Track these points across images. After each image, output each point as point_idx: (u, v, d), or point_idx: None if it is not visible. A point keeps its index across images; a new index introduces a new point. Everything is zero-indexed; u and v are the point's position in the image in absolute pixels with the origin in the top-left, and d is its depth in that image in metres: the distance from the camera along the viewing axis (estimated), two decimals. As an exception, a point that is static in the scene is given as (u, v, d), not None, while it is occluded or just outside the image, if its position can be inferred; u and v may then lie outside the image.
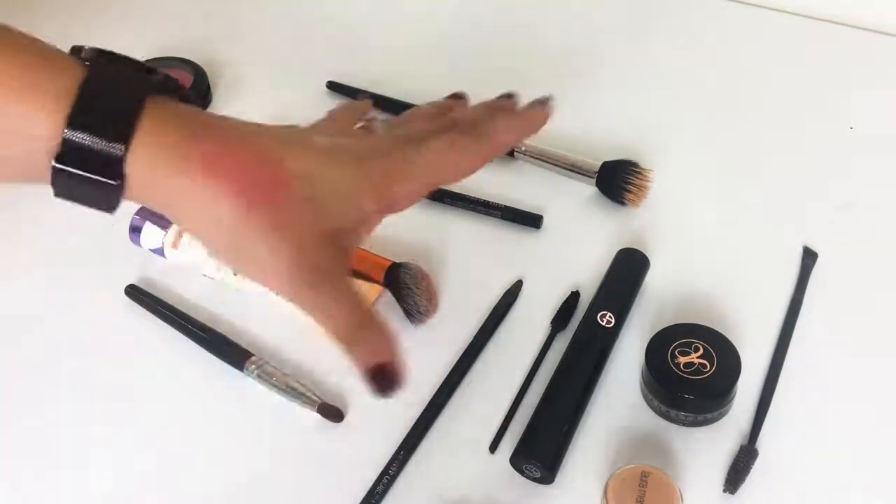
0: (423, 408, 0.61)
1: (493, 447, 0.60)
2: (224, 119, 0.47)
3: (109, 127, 0.42)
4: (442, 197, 0.73)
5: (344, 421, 0.62)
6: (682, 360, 0.59)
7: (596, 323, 0.63)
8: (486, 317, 0.66)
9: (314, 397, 0.62)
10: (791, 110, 0.80)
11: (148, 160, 0.43)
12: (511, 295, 0.67)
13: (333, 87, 0.84)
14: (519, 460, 0.58)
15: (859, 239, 0.70)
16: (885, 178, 0.74)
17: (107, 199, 0.44)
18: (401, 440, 0.60)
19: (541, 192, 0.74)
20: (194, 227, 0.46)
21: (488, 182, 0.71)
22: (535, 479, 0.58)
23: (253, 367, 0.64)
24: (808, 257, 0.68)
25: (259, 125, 0.48)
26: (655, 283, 0.67)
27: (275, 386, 0.63)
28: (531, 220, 0.72)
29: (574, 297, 0.67)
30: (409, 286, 0.65)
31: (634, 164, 0.72)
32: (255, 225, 0.44)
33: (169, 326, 0.67)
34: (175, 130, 0.44)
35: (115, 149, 0.42)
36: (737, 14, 0.90)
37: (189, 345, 0.66)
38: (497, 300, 0.67)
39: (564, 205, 0.73)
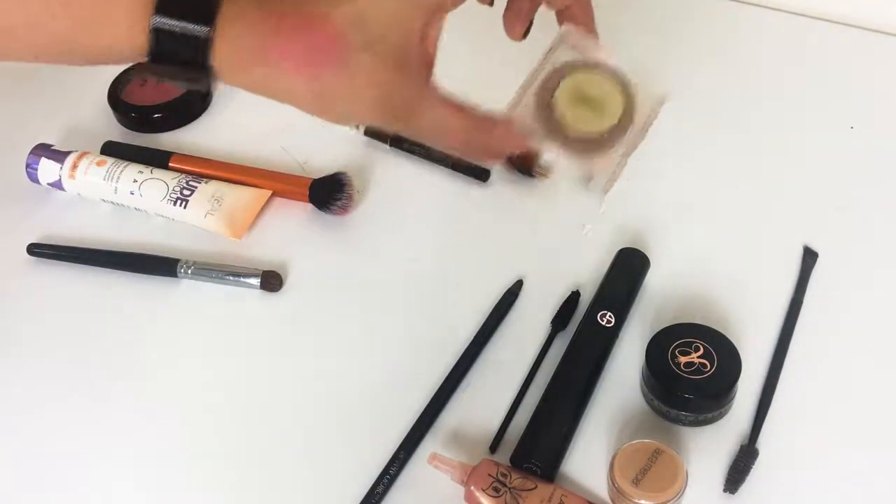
0: (424, 408, 0.61)
1: (494, 447, 0.60)
2: None
3: (193, 13, 0.45)
4: (401, 142, 0.78)
5: (343, 422, 0.62)
6: (683, 359, 0.59)
7: (596, 322, 0.63)
8: (486, 317, 0.66)
9: (254, 269, 0.68)
10: (791, 110, 0.80)
11: (230, 55, 0.46)
12: (511, 295, 0.67)
13: None
14: (519, 460, 0.58)
15: (859, 239, 0.70)
16: (884, 178, 0.74)
17: (200, 84, 0.48)
18: (401, 440, 0.60)
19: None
20: (287, 101, 0.49)
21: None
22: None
23: (185, 267, 0.69)
24: (808, 257, 0.68)
25: None
26: (655, 283, 0.67)
27: (214, 275, 0.69)
28: (479, 174, 0.75)
29: (574, 297, 0.67)
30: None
31: None
32: (326, 86, 0.47)
33: (80, 267, 0.72)
34: (241, 19, 0.46)
35: (200, 37, 0.45)
36: (737, 14, 0.89)
37: (109, 277, 0.71)
38: (497, 300, 0.67)
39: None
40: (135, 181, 0.74)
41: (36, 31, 0.45)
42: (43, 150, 0.76)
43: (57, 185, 0.75)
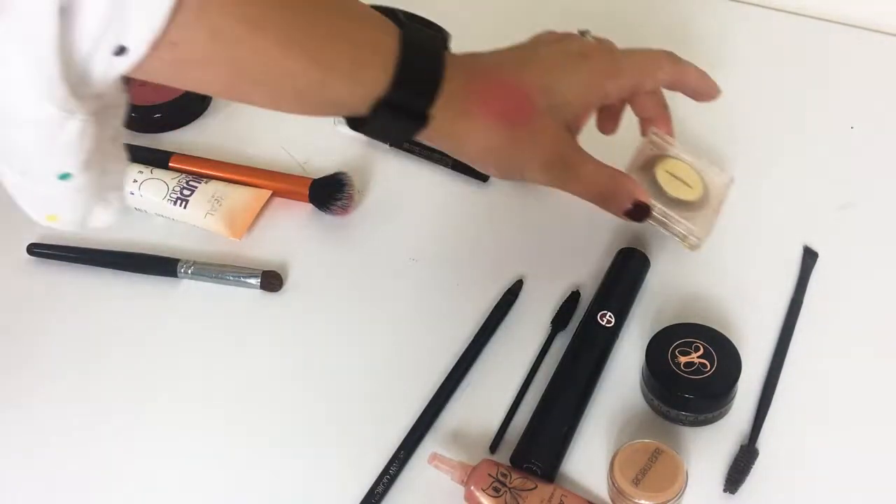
0: (424, 408, 0.61)
1: (494, 447, 0.60)
2: (477, 59, 0.58)
3: (424, 85, 0.53)
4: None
5: (343, 422, 0.62)
6: (683, 359, 0.59)
7: (596, 323, 0.63)
8: (486, 317, 0.66)
9: (254, 269, 0.69)
10: (791, 110, 0.80)
11: (443, 109, 0.54)
12: (511, 295, 0.67)
13: None
14: (519, 460, 0.58)
15: (859, 239, 0.70)
16: (885, 178, 0.74)
17: (400, 139, 0.58)
18: (401, 440, 0.60)
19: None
20: (476, 153, 0.59)
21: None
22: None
23: (185, 267, 0.70)
24: (808, 257, 0.68)
25: (498, 54, 0.60)
26: (655, 283, 0.67)
27: (214, 275, 0.69)
28: (479, 173, 0.75)
29: (574, 297, 0.67)
30: None
31: None
32: (518, 139, 0.58)
33: (80, 267, 0.72)
34: (457, 81, 0.54)
35: (426, 102, 0.53)
36: (737, 14, 0.89)
37: (109, 277, 0.71)
38: (497, 300, 0.67)
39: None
40: (135, 181, 0.74)
41: (283, 85, 0.50)
42: None
43: None
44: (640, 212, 0.61)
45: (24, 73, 0.42)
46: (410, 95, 0.53)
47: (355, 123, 0.55)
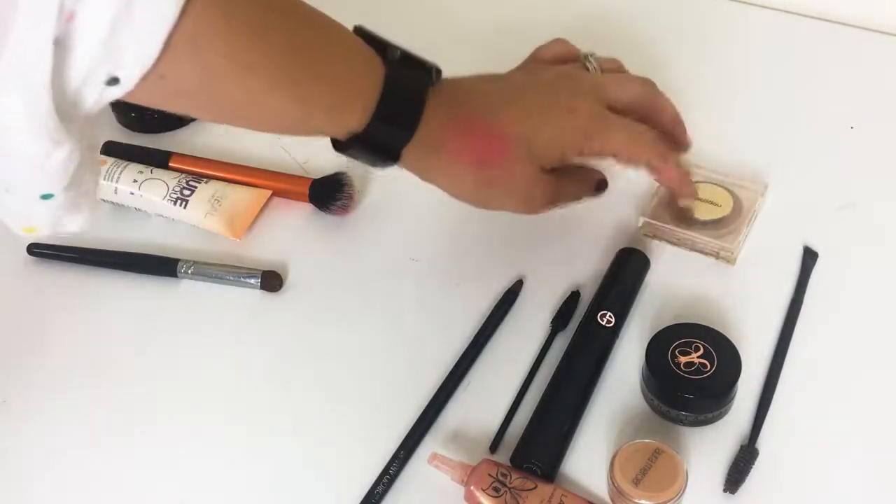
0: (424, 407, 0.61)
1: (494, 447, 0.60)
2: (459, 95, 0.59)
3: (399, 126, 0.55)
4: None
5: (343, 422, 0.62)
6: (683, 359, 0.59)
7: (596, 323, 0.63)
8: (486, 316, 0.66)
9: (254, 269, 0.68)
10: (791, 110, 0.80)
11: (415, 148, 0.56)
12: (511, 294, 0.67)
13: None
14: (519, 460, 0.58)
15: (859, 239, 0.70)
16: (885, 178, 0.74)
17: (375, 167, 0.58)
18: (401, 440, 0.60)
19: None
20: (446, 187, 0.61)
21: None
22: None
23: (185, 267, 0.70)
24: (808, 257, 0.68)
25: (485, 91, 0.61)
26: (655, 283, 0.67)
27: (214, 275, 0.69)
28: None
29: (574, 297, 0.67)
30: None
31: None
32: (491, 180, 0.60)
33: (80, 267, 0.72)
34: (434, 122, 0.56)
35: (398, 142, 0.56)
36: (737, 14, 0.89)
37: (109, 277, 0.71)
38: (497, 300, 0.67)
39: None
40: (135, 181, 0.74)
41: (268, 119, 0.54)
42: None
43: None
44: (601, 185, 0.67)
45: (18, 108, 0.42)
46: (384, 135, 0.55)
47: (337, 146, 0.57)
